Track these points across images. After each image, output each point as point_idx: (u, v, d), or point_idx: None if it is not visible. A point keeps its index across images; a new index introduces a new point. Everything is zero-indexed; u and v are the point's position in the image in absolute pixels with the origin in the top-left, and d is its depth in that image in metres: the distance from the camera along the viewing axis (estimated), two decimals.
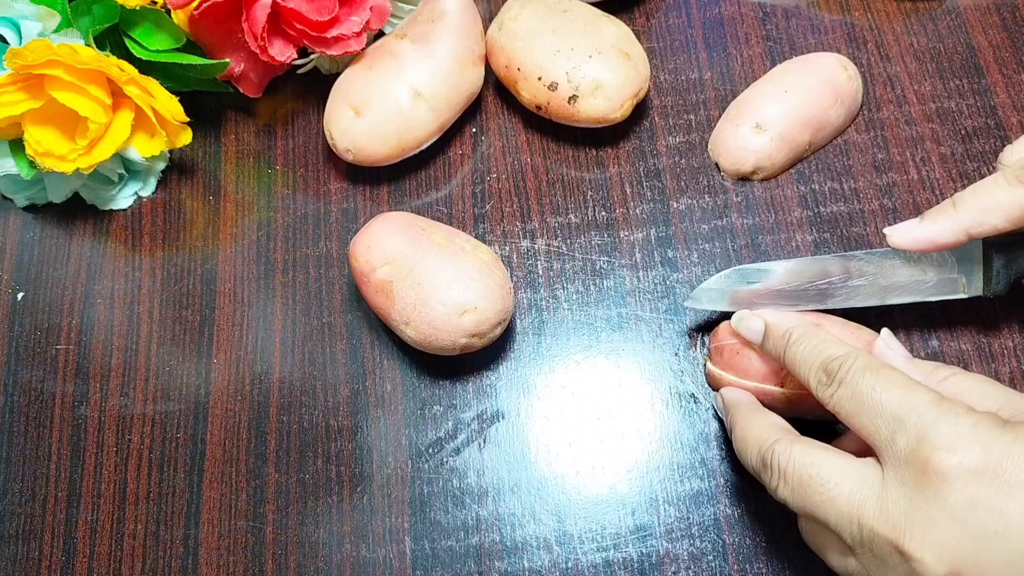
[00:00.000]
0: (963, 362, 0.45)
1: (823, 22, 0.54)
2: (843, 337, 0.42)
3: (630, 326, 0.48)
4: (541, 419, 0.46)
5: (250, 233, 0.52)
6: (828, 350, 0.37)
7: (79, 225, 0.53)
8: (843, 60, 0.50)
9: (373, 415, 0.47)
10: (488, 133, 0.53)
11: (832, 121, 0.50)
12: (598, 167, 0.52)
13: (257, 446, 0.47)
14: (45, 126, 0.48)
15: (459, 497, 0.45)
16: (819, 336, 0.39)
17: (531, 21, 0.50)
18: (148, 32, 0.50)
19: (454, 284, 0.43)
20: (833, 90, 0.49)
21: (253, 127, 0.55)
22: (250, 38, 0.48)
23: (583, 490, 0.44)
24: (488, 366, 0.47)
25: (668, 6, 0.56)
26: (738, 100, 0.51)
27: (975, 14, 0.54)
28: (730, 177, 0.50)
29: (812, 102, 0.49)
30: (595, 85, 0.48)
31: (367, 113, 0.48)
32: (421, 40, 0.49)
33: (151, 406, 0.48)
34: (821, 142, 0.51)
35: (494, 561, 0.43)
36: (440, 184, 0.52)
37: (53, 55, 0.45)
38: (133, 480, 0.46)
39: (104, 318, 0.50)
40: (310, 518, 0.45)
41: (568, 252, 0.50)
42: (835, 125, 0.50)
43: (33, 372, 0.49)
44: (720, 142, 0.50)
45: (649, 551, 0.43)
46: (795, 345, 0.39)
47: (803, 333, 0.39)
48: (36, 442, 0.48)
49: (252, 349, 0.49)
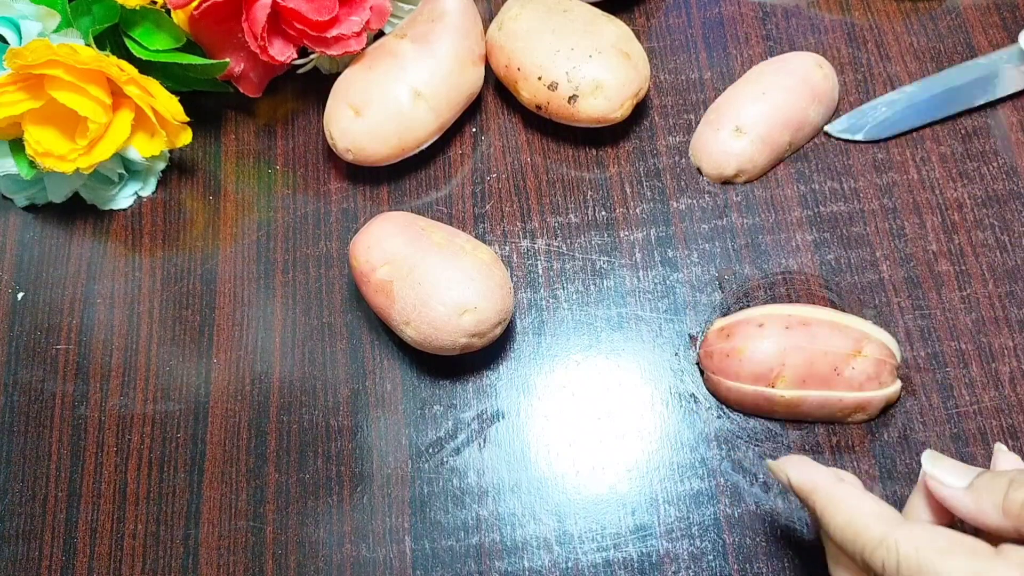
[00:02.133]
0: (963, 362, 0.45)
1: (823, 22, 0.55)
2: (832, 338, 0.41)
3: (630, 326, 0.48)
4: (541, 419, 0.46)
5: (250, 233, 0.52)
6: (863, 533, 0.32)
7: (79, 225, 0.53)
8: (818, 59, 0.51)
9: (373, 415, 0.47)
10: (488, 133, 0.53)
11: (811, 120, 0.50)
12: (598, 167, 0.52)
13: (257, 446, 0.47)
14: (45, 126, 0.48)
15: (459, 497, 0.45)
16: (847, 504, 0.33)
17: (531, 21, 0.50)
18: (148, 32, 0.50)
19: (454, 284, 0.43)
20: (810, 89, 0.50)
21: (253, 127, 0.55)
22: (250, 38, 0.48)
23: (583, 490, 0.44)
24: (488, 366, 0.47)
25: (668, 6, 0.56)
26: (716, 104, 0.51)
27: (975, 14, 0.54)
28: (713, 181, 0.50)
29: (790, 102, 0.49)
30: (595, 85, 0.48)
31: (367, 113, 0.48)
32: (421, 40, 0.49)
33: (151, 406, 0.48)
34: (801, 141, 0.51)
35: (494, 561, 0.43)
36: (440, 184, 0.52)
37: (53, 55, 0.45)
38: (133, 480, 0.46)
39: (104, 318, 0.50)
40: (310, 518, 0.45)
41: (568, 252, 0.50)
42: (814, 124, 0.51)
43: (33, 372, 0.49)
44: (701, 147, 0.50)
45: (649, 551, 0.43)
46: (824, 516, 0.34)
47: (825, 502, 0.34)
48: (36, 442, 0.48)
49: (252, 349, 0.49)
